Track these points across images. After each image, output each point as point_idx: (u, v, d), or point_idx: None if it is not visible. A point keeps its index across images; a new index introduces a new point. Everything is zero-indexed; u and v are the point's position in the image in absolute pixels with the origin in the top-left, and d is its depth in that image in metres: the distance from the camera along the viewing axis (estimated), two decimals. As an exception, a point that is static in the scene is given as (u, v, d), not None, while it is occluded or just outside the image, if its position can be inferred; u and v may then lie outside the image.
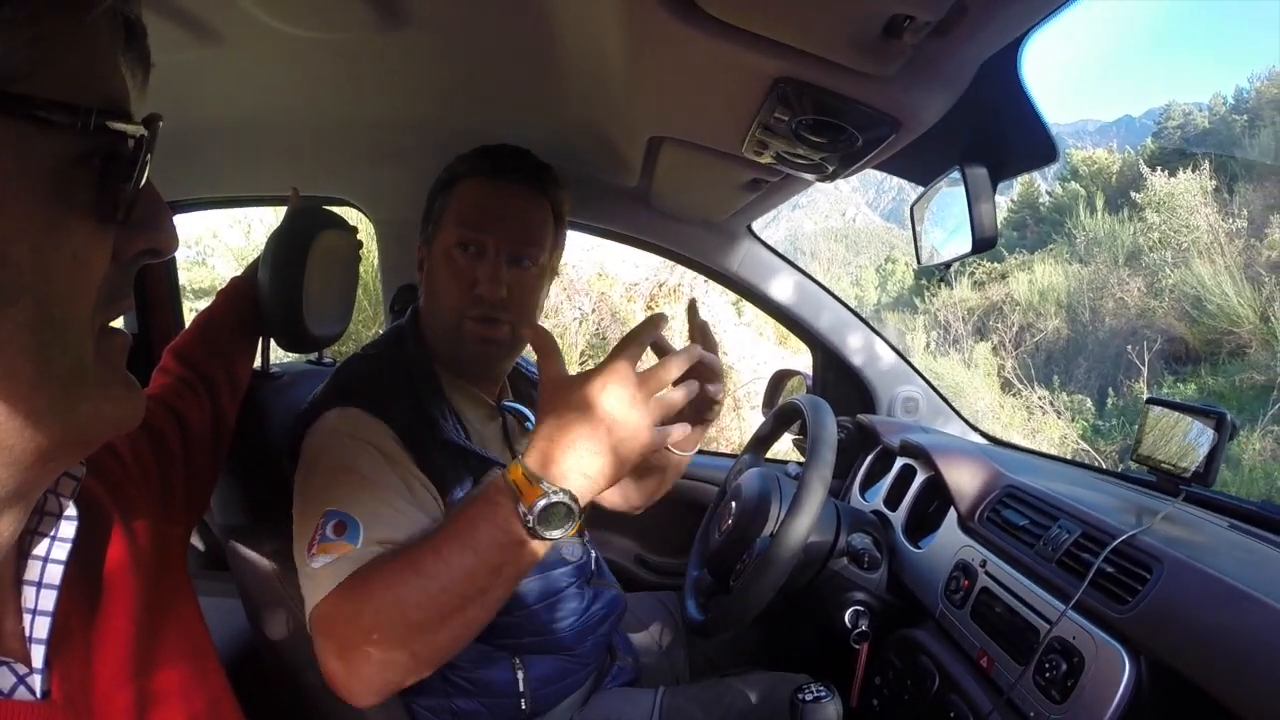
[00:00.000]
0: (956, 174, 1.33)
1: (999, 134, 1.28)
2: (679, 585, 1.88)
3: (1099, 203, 17.74)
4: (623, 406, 1.04)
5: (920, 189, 1.60)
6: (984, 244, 1.33)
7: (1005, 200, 23.71)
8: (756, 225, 2.35)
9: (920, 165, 1.48)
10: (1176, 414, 1.55)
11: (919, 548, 1.78)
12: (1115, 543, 1.29)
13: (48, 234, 0.53)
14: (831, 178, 1.44)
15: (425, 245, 1.58)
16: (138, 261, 0.65)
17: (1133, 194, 16.26)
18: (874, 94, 1.08)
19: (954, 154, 1.34)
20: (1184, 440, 1.51)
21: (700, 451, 1.84)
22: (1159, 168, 15.46)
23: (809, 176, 1.50)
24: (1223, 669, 1.02)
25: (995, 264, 19.19)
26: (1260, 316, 11.48)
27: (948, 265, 1.59)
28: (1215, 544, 1.36)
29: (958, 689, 1.46)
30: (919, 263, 1.68)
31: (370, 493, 1.25)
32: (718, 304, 8.60)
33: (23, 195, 0.52)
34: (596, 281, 8.19)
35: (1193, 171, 14.64)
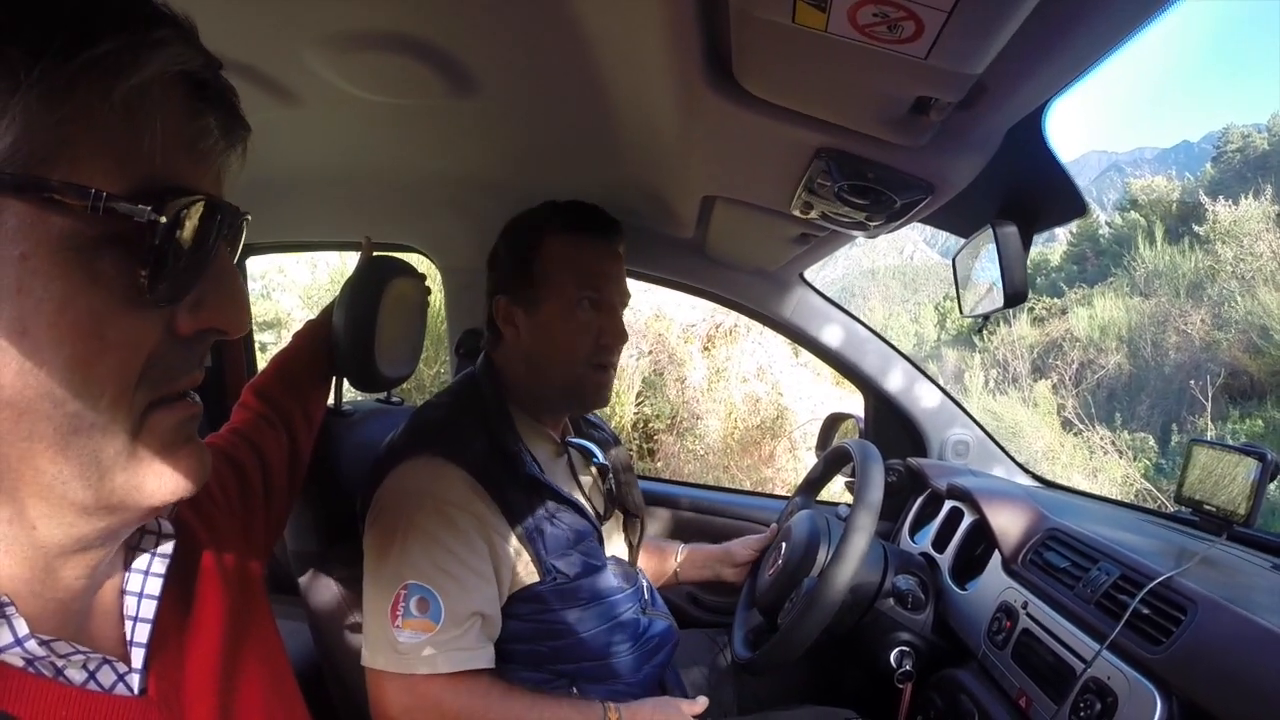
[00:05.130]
0: (991, 229, 1.38)
1: (1028, 193, 1.33)
2: (730, 623, 1.92)
3: (1159, 232, 17.38)
4: None
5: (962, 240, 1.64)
6: (1014, 300, 1.37)
7: (1064, 233, 23.38)
8: (812, 266, 2.39)
9: (960, 219, 1.52)
10: (1220, 453, 1.57)
11: (964, 589, 1.81)
12: (1151, 584, 1.32)
13: (64, 311, 0.55)
14: (874, 234, 1.50)
15: (520, 302, 1.62)
16: (203, 339, 0.67)
17: (1194, 225, 15.94)
18: (907, 161, 1.15)
19: (991, 207, 1.39)
20: (1228, 480, 1.52)
21: (755, 493, 1.90)
22: (1220, 195, 15.15)
23: (853, 233, 1.57)
24: (1253, 710, 1.05)
25: (1055, 299, 18.88)
26: None
27: (986, 318, 1.63)
28: (1254, 585, 1.38)
29: None
30: (961, 313, 1.72)
31: (451, 564, 1.39)
32: (774, 344, 8.58)
33: (40, 272, 0.54)
34: (654, 323, 8.23)
35: (1254, 197, 14.34)
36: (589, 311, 1.58)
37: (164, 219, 0.58)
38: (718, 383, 8.18)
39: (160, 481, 0.65)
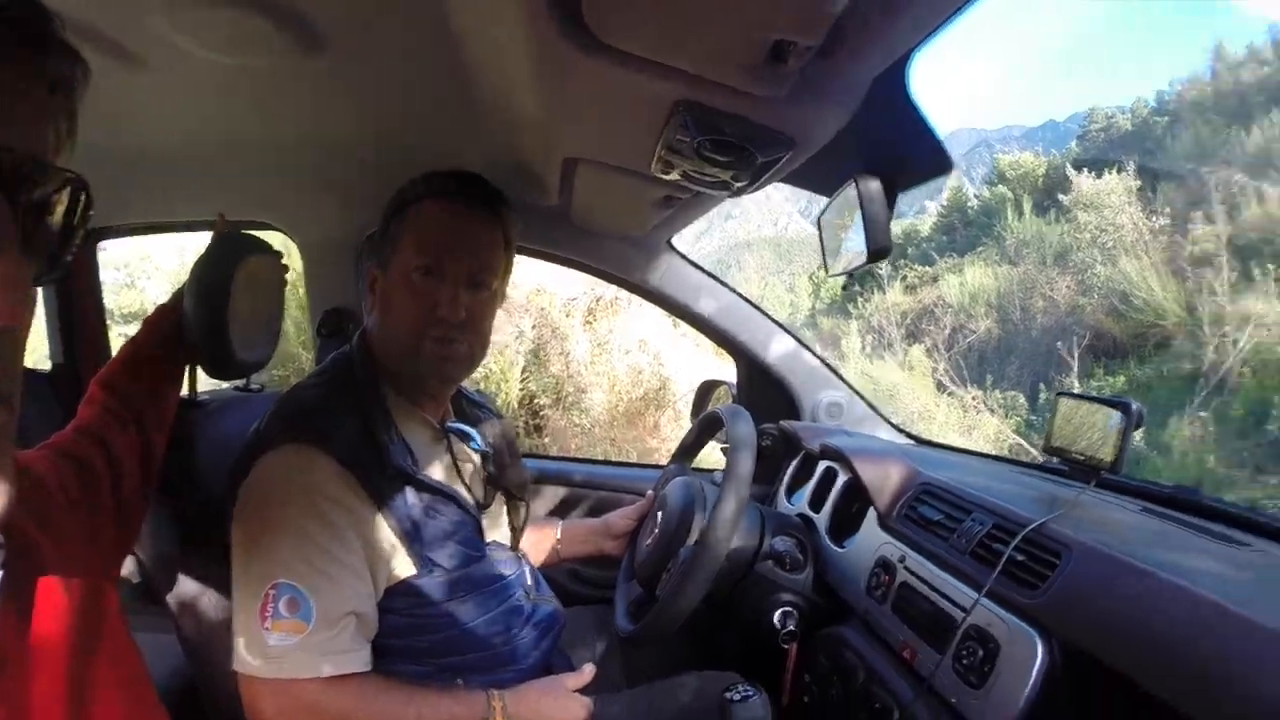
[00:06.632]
0: (854, 185, 1.38)
1: (891, 148, 1.33)
2: (613, 598, 1.92)
3: (1026, 205, 18.29)
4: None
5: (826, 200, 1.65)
6: (878, 254, 1.39)
7: (935, 205, 24.22)
8: (689, 233, 2.40)
9: (824, 177, 1.53)
10: (1086, 405, 1.62)
11: (842, 547, 1.83)
12: (1024, 532, 1.35)
13: None
14: (737, 193, 1.49)
15: (380, 268, 1.58)
16: None
17: (1059, 196, 16.78)
18: (768, 114, 1.13)
19: (855, 164, 1.39)
20: (1094, 430, 1.57)
21: (638, 465, 1.88)
22: (1085, 170, 16.02)
23: (716, 193, 1.55)
24: (1127, 645, 1.08)
25: (926, 268, 19.62)
26: (1185, 309, 12.04)
27: (852, 274, 1.64)
28: (1123, 527, 1.44)
29: (882, 681, 1.51)
30: (827, 272, 1.73)
31: (323, 561, 1.32)
32: (656, 315, 8.63)
33: None
34: (535, 297, 8.20)
35: (1117, 173, 15.20)
36: (425, 280, 1.50)
37: None
38: (601, 356, 8.20)
39: None
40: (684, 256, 2.46)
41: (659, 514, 1.82)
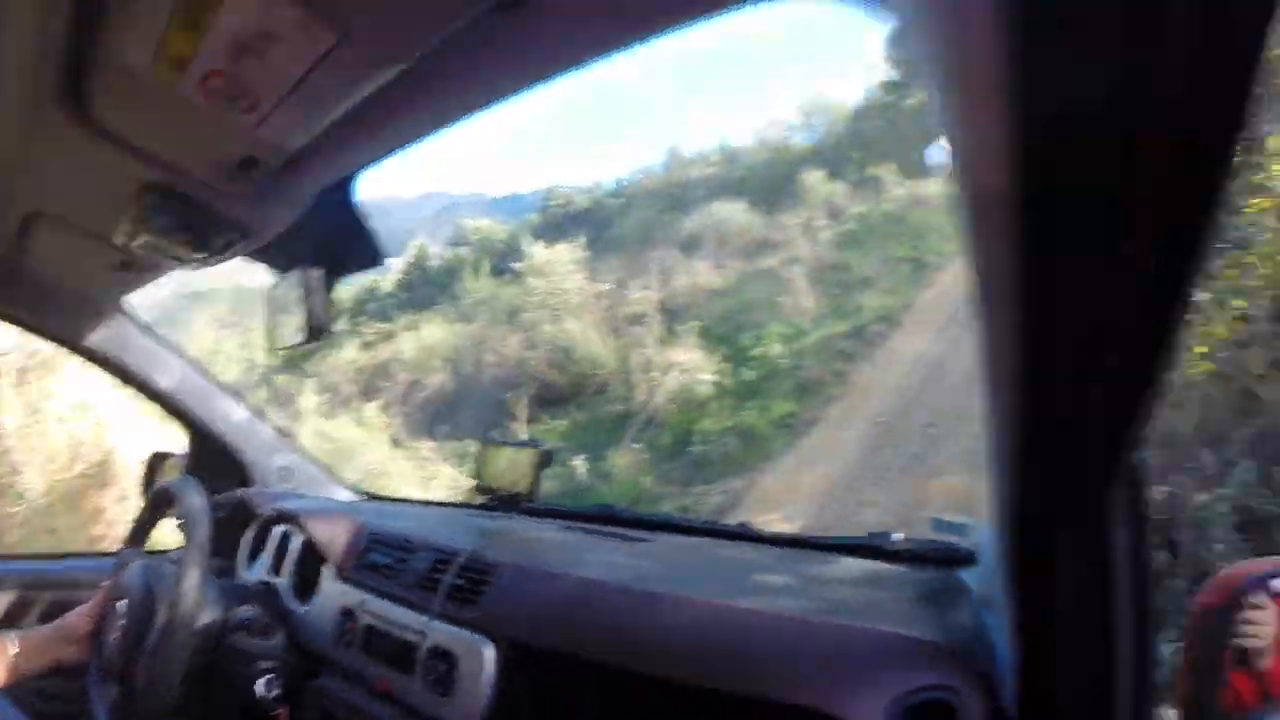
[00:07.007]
0: (300, 271, 1.56)
1: (333, 244, 1.56)
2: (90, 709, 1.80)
3: (484, 267, 19.78)
4: None
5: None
6: (316, 334, 1.57)
7: (400, 262, 25.01)
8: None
9: (278, 258, 1.67)
10: (508, 449, 2.00)
11: (307, 605, 1.93)
12: (458, 560, 1.63)
13: None
14: (196, 267, 1.61)
15: None
16: None
17: (513, 264, 18.49)
18: (229, 206, 1.30)
19: (304, 251, 1.57)
20: (515, 469, 1.93)
21: (89, 554, 1.78)
22: (540, 239, 18.00)
23: (175, 265, 1.67)
24: (553, 630, 1.38)
25: (385, 324, 20.20)
26: (619, 359, 14.41)
27: (292, 349, 1.78)
28: (544, 543, 1.79)
29: (365, 715, 1.66)
30: (273, 346, 1.83)
31: None
32: (100, 374, 7.72)
33: None
34: (-48, 352, 7.00)
35: (568, 244, 17.28)
36: None
37: None
38: (35, 425, 7.17)
39: None
40: (135, 320, 2.34)
41: (120, 604, 1.72)
